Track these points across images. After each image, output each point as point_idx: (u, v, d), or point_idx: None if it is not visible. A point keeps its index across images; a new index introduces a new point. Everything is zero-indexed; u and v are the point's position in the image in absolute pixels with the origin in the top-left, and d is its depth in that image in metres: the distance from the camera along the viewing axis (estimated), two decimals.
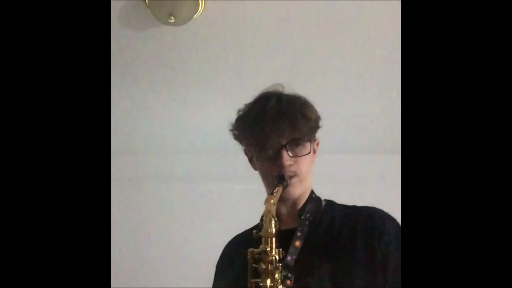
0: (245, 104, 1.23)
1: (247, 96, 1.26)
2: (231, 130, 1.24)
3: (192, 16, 1.81)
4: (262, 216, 1.08)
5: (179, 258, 2.87)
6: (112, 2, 1.75)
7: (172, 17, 1.77)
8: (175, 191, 3.02)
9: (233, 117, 1.28)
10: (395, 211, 1.22)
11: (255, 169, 1.24)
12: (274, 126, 1.12)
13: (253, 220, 1.35)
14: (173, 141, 2.90)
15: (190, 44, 2.02)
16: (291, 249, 1.11)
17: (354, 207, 1.23)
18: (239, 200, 2.85)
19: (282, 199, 1.15)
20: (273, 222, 1.05)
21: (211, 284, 1.34)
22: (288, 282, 1.06)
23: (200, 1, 1.77)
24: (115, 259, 2.26)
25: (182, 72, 2.23)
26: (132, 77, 2.27)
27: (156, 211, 3.02)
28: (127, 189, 2.98)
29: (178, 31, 1.91)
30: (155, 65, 2.17)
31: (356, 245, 1.10)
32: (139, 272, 2.89)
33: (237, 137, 1.24)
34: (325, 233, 1.15)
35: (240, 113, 1.23)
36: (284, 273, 1.07)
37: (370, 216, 1.16)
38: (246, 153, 1.26)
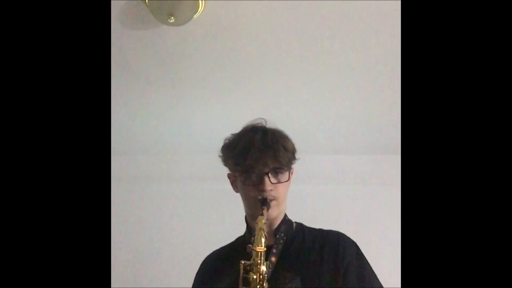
0: (231, 134, 1.39)
1: (247, 96, 1.26)
2: (219, 156, 1.41)
3: (192, 16, 1.81)
4: (254, 233, 1.21)
5: (179, 258, 2.87)
6: (112, 2, 1.75)
7: (172, 17, 1.77)
8: (175, 191, 3.02)
9: (232, 116, 1.30)
10: (395, 211, 1.22)
11: (237, 191, 1.41)
12: (260, 157, 1.29)
13: None
14: (173, 141, 2.89)
15: (190, 44, 2.02)
16: (268, 263, 1.24)
17: (321, 230, 1.40)
18: (239, 200, 2.85)
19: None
20: (263, 238, 1.19)
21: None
22: None
23: (200, 1, 1.77)
24: (115, 259, 2.28)
25: (182, 72, 2.23)
26: (132, 77, 2.27)
27: (156, 211, 3.01)
28: (127, 189, 2.98)
29: (178, 31, 1.91)
30: (155, 65, 2.17)
31: (322, 263, 1.28)
32: (139, 272, 2.89)
33: (224, 162, 1.41)
34: (296, 251, 1.32)
35: (227, 141, 1.39)
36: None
37: (335, 239, 1.34)
38: (229, 177, 1.42)
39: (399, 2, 1.03)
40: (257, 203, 1.29)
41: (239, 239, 1.44)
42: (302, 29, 1.92)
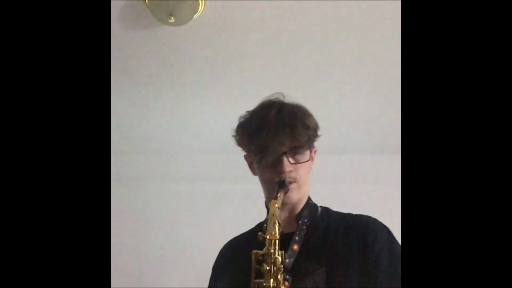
0: (247, 111, 1.27)
1: (247, 96, 1.26)
2: (233, 136, 1.28)
3: (192, 16, 1.81)
4: (266, 219, 1.12)
5: (179, 258, 2.87)
6: (112, 2, 1.75)
7: (172, 17, 1.77)
8: (175, 191, 3.02)
9: (233, 117, 1.29)
10: (395, 211, 1.22)
11: (255, 174, 1.29)
12: (275, 135, 1.17)
13: (254, 221, 1.35)
14: (173, 141, 2.89)
15: (190, 44, 2.02)
16: (289, 252, 1.15)
17: (349, 214, 1.28)
18: (240, 200, 2.85)
19: (281, 204, 1.20)
20: (277, 225, 1.09)
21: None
22: (286, 283, 1.11)
23: (200, 1, 1.77)
24: (115, 259, 2.27)
25: (182, 72, 2.23)
26: (132, 77, 2.27)
27: (156, 211, 3.01)
28: (127, 189, 2.98)
29: (178, 31, 1.91)
30: (155, 65, 2.17)
31: (350, 251, 1.16)
32: (139, 272, 2.89)
33: (238, 143, 1.28)
34: (321, 238, 1.21)
35: (242, 119, 1.27)
36: (283, 275, 1.11)
37: (365, 224, 1.22)
38: (246, 159, 1.30)
39: (399, 2, 1.03)
40: (276, 186, 1.18)
41: (259, 225, 1.29)
42: (302, 29, 1.92)
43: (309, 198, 1.28)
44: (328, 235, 1.21)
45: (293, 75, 2.21)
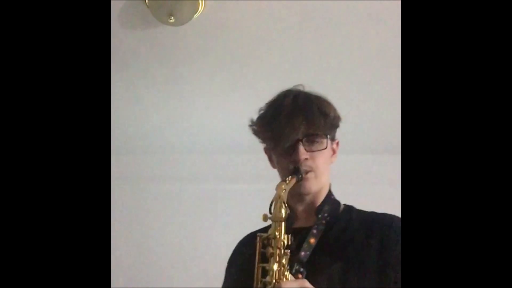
0: (266, 103, 1.25)
1: (247, 96, 1.26)
2: (250, 125, 1.25)
3: (192, 16, 1.81)
4: (272, 202, 1.09)
5: (179, 258, 2.87)
6: (112, 2, 1.75)
7: (172, 17, 1.77)
8: (176, 191, 3.02)
9: (233, 116, 1.29)
10: (395, 211, 1.22)
11: (274, 167, 1.25)
12: (289, 120, 1.14)
13: (254, 220, 1.35)
14: (173, 141, 2.89)
15: (190, 44, 2.02)
16: (305, 245, 1.12)
17: (373, 213, 1.24)
18: (240, 200, 2.85)
19: (298, 195, 1.18)
20: (283, 208, 1.06)
21: (211, 284, 1.34)
22: (300, 276, 1.07)
23: (200, 1, 1.77)
24: (115, 259, 2.27)
25: (182, 72, 2.23)
26: (132, 77, 2.27)
27: (156, 211, 3.01)
28: (127, 189, 2.98)
29: (178, 31, 1.91)
30: (155, 65, 2.17)
31: (370, 249, 1.11)
32: (139, 272, 2.89)
33: (255, 132, 1.25)
34: (340, 234, 1.16)
35: (262, 111, 1.24)
36: (297, 267, 1.09)
37: (389, 223, 1.17)
38: (265, 152, 1.27)
39: (399, 2, 1.03)
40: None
41: None
42: (302, 29, 1.92)
43: (331, 193, 1.24)
44: (348, 232, 1.17)
45: (292, 75, 2.21)
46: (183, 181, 3.02)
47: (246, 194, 2.79)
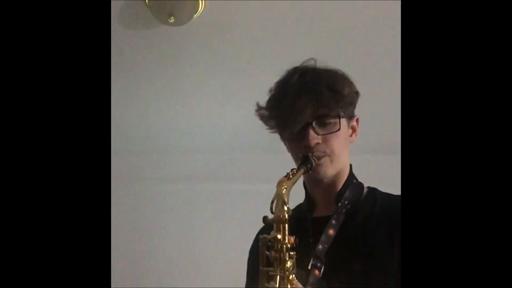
0: (275, 82, 1.14)
1: (247, 96, 1.25)
2: (256, 110, 1.14)
3: (192, 16, 1.81)
4: (272, 201, 0.98)
5: (178, 258, 2.87)
6: (112, 2, 1.75)
7: (172, 17, 1.77)
8: (175, 191, 3.02)
9: (232, 116, 1.29)
10: None
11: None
12: (295, 102, 1.03)
13: (255, 220, 1.35)
14: (173, 141, 2.89)
15: (190, 44, 2.02)
16: (323, 238, 1.03)
17: (399, 197, 1.06)
18: (240, 200, 2.85)
19: (314, 181, 1.09)
20: (285, 207, 0.96)
21: (211, 284, 1.34)
22: (316, 272, 1.00)
23: (200, 1, 1.77)
24: (115, 259, 2.27)
25: (182, 72, 2.23)
26: (132, 77, 2.27)
27: (156, 211, 3.01)
28: (127, 189, 2.98)
29: (178, 31, 1.91)
30: (155, 65, 2.17)
31: (394, 241, 1.01)
32: (139, 273, 2.89)
33: (260, 116, 1.14)
34: (362, 224, 1.06)
35: (272, 92, 1.13)
36: (313, 262, 1.01)
37: None
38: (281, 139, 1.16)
39: (399, 2, 1.03)
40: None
41: (296, 209, 1.11)
42: (302, 29, 1.93)
43: (353, 176, 1.14)
44: (370, 221, 1.05)
45: None
46: (183, 181, 3.02)
47: (245, 194, 2.79)
